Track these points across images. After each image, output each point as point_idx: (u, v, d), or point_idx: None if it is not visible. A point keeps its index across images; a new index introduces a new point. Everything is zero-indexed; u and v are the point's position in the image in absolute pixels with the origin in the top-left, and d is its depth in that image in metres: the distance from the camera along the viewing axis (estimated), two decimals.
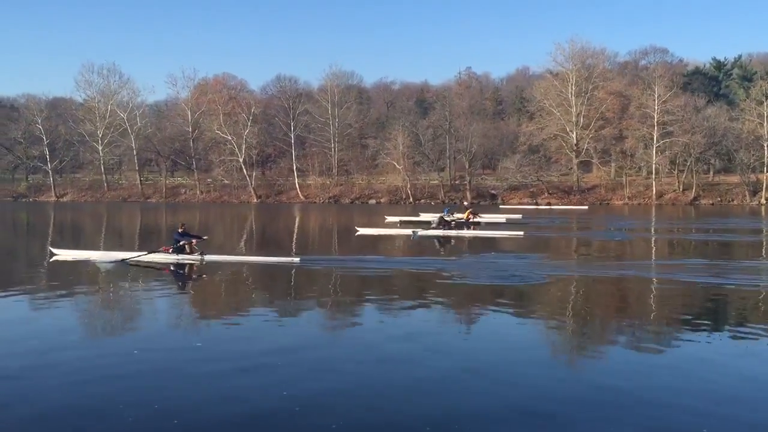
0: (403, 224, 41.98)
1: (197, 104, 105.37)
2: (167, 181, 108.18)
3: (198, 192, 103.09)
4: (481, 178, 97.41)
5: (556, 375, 9.58)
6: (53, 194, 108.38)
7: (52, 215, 62.89)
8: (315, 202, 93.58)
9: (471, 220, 41.48)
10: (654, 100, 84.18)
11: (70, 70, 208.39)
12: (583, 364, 10.56)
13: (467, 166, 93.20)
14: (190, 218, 57.28)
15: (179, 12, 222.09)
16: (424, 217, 47.02)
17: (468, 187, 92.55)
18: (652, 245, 32.53)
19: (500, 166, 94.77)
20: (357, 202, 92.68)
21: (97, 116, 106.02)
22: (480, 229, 38.78)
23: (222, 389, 8.62)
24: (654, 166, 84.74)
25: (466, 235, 35.82)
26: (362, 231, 36.13)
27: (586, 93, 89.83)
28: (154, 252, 22.62)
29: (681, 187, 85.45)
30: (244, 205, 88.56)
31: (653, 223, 48.60)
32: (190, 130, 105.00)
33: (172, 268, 21.37)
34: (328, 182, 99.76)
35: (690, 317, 13.83)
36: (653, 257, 26.56)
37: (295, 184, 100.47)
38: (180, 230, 22.83)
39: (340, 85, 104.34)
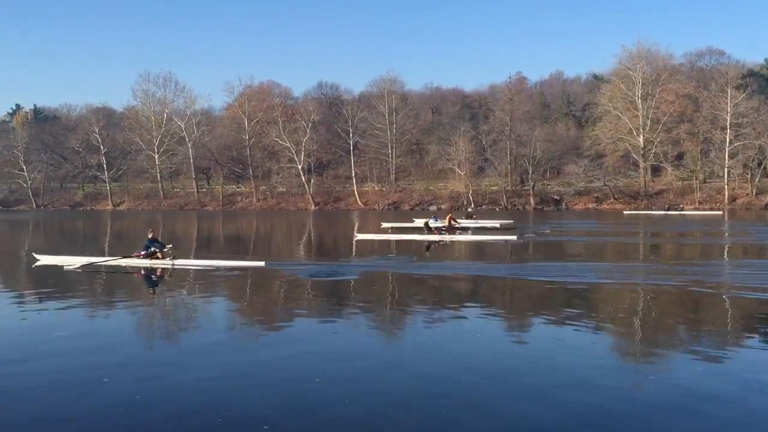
0: (395, 230, 40.65)
1: (248, 112, 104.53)
2: (224, 189, 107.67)
3: (255, 199, 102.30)
4: (543, 184, 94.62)
5: None
6: (110, 203, 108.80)
7: (109, 224, 62.08)
8: (374, 209, 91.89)
9: (454, 225, 40.43)
10: (726, 102, 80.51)
11: (111, 79, 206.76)
12: None
13: (530, 171, 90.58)
14: (247, 225, 56.22)
15: (214, 20, 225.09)
16: (418, 223, 45.72)
17: (531, 192, 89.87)
18: None
19: (564, 171, 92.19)
20: (417, 208, 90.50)
21: (154, 125, 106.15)
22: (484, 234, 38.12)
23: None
24: (726, 169, 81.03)
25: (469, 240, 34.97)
26: (360, 236, 35.54)
27: (653, 96, 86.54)
28: (128, 257, 22.98)
29: (754, 191, 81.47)
30: (301, 212, 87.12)
31: None
32: (247, 137, 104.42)
33: (143, 272, 21.65)
34: (385, 189, 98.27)
35: None
36: None
37: (353, 190, 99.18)
38: (150, 236, 23.58)
39: (397, 92, 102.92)
